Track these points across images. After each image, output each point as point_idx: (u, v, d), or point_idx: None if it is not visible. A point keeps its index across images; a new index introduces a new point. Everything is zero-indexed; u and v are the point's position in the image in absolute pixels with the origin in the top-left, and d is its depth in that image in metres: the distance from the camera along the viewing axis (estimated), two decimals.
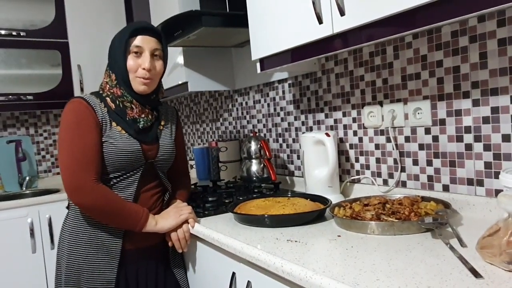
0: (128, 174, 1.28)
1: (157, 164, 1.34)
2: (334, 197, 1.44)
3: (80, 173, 1.18)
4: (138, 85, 1.27)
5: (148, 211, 1.27)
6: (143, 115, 1.30)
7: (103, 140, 1.24)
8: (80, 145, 1.19)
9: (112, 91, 1.28)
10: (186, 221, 1.32)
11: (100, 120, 1.24)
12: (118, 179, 1.27)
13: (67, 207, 1.35)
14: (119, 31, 1.30)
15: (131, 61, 1.25)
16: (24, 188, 2.76)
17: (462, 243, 0.92)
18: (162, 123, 1.40)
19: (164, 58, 1.32)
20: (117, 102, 1.28)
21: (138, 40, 1.25)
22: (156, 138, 1.35)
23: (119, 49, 1.25)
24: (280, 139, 1.99)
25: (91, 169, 1.19)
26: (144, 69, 1.25)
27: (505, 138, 1.10)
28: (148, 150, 1.31)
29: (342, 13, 1.09)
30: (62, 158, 1.20)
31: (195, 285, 1.43)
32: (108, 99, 1.28)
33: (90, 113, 1.23)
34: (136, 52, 1.25)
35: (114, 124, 1.27)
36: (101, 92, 1.31)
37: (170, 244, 1.33)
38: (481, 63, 1.13)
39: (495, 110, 1.11)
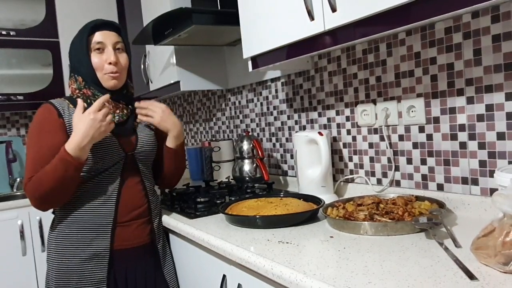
0: (110, 170, 1.26)
1: (138, 156, 1.33)
2: (328, 197, 1.42)
3: (26, 178, 1.19)
4: (107, 82, 1.28)
5: (63, 147, 1.15)
6: (117, 111, 1.30)
7: None
8: (36, 149, 1.20)
9: (82, 92, 1.28)
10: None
11: (67, 121, 1.24)
12: (100, 176, 1.25)
13: (53, 212, 1.33)
14: (76, 34, 1.30)
15: (95, 59, 1.26)
16: (14, 190, 2.72)
17: (456, 244, 0.90)
18: (139, 118, 1.38)
19: (127, 50, 1.33)
20: (89, 101, 1.27)
21: (98, 36, 1.25)
22: (133, 130, 1.34)
23: (80, 50, 1.25)
24: (273, 139, 1.96)
25: (32, 170, 1.18)
26: (110, 63, 1.25)
27: (500, 136, 1.08)
28: (125, 142, 1.30)
29: (333, 9, 1.07)
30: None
31: None
32: (79, 100, 1.26)
33: (52, 117, 1.23)
34: (98, 49, 1.26)
35: None
36: (71, 95, 1.31)
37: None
38: (475, 60, 1.11)
39: (489, 107, 1.09)
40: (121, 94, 1.33)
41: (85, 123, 1.14)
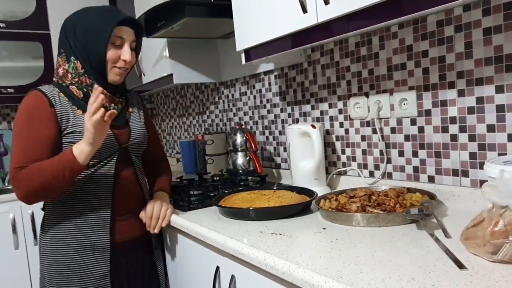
0: (104, 162, 1.24)
1: (131, 148, 1.32)
2: (320, 189, 1.43)
3: (12, 168, 1.14)
4: (114, 76, 1.25)
5: (70, 148, 1.15)
6: (113, 104, 1.28)
7: (67, 131, 1.19)
8: (25, 139, 1.15)
9: (77, 80, 1.22)
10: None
11: (58, 112, 1.18)
12: (94, 168, 1.23)
13: (43, 209, 1.29)
14: (88, 13, 1.22)
15: (112, 52, 1.22)
16: (6, 183, 2.70)
17: (446, 234, 0.92)
18: (130, 109, 1.37)
19: (137, 49, 1.30)
20: (85, 90, 1.23)
21: (122, 32, 1.22)
22: (126, 122, 1.32)
23: (100, 39, 1.20)
24: (267, 132, 1.97)
25: (23, 161, 1.14)
26: (124, 60, 1.23)
27: (490, 128, 1.09)
28: (119, 134, 1.28)
29: (326, 1, 1.07)
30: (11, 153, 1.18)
31: (179, 280, 1.41)
32: (73, 87, 1.22)
33: (44, 106, 1.17)
34: (117, 43, 1.22)
35: (79, 112, 1.22)
36: (60, 82, 1.24)
37: (144, 220, 1.29)
38: (466, 53, 1.12)
39: (480, 100, 1.10)
40: (117, 88, 1.30)
41: (94, 130, 1.10)
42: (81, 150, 1.12)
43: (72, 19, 1.24)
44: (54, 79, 1.28)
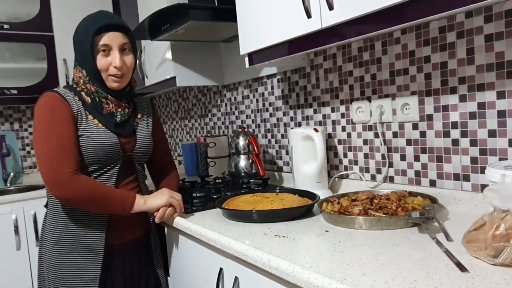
0: (106, 168, 1.26)
1: (135, 157, 1.33)
2: (322, 193, 1.44)
3: (58, 166, 1.15)
4: (111, 83, 1.25)
5: (134, 192, 1.26)
6: (119, 109, 1.28)
7: (79, 133, 1.21)
8: (57, 138, 1.16)
9: (86, 86, 1.25)
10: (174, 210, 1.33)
11: (75, 112, 1.21)
12: (97, 173, 1.25)
13: (46, 206, 1.31)
14: (80, 25, 1.25)
15: (101, 61, 1.22)
16: (8, 184, 2.71)
17: (448, 238, 0.93)
18: (139, 116, 1.38)
19: (134, 50, 1.28)
20: (92, 96, 1.25)
21: (105, 39, 1.20)
22: (133, 131, 1.33)
23: (85, 49, 1.21)
24: (269, 135, 1.98)
25: (69, 161, 1.16)
26: (115, 67, 1.22)
27: (491, 133, 1.10)
28: (125, 143, 1.29)
29: (330, 7, 1.09)
30: (39, 152, 1.17)
31: (181, 282, 1.42)
32: (83, 93, 1.25)
33: (64, 105, 1.20)
34: (104, 50, 1.21)
35: (90, 117, 1.24)
36: (74, 86, 1.27)
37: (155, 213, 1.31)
38: (468, 59, 1.13)
39: (481, 105, 1.12)
40: (123, 93, 1.30)
41: (163, 200, 1.28)
42: (142, 202, 1.24)
43: (74, 37, 1.27)
44: (70, 82, 1.30)
